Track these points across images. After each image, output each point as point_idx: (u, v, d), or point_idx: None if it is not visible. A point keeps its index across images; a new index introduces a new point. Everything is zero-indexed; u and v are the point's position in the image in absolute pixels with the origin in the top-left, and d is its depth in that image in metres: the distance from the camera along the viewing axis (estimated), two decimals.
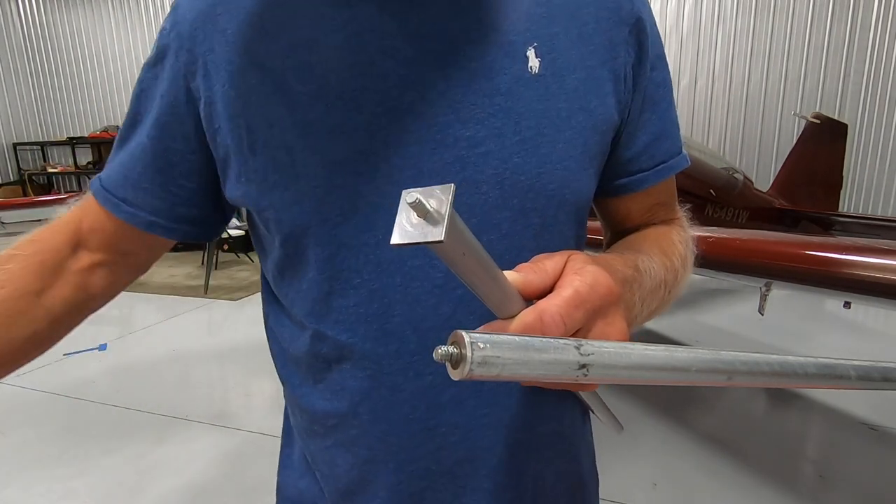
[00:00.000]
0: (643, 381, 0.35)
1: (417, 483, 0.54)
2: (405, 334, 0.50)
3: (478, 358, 0.28)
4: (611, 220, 0.65)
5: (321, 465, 0.59)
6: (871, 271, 1.58)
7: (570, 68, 0.51)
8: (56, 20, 8.35)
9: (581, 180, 0.53)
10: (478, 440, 0.53)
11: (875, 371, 0.49)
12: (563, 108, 0.51)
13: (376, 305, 0.50)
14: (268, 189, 0.49)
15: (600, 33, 0.53)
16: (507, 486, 0.55)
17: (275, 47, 0.48)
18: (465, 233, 0.28)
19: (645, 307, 0.48)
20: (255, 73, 0.49)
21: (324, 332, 0.52)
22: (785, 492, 2.12)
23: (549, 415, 0.57)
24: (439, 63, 0.48)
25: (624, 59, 0.54)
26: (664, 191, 0.62)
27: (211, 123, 0.51)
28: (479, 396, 0.53)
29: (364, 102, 0.48)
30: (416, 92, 0.48)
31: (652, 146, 0.58)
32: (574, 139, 0.51)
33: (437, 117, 0.48)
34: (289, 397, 0.61)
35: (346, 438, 0.55)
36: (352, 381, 0.53)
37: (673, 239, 0.59)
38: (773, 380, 0.41)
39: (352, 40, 0.48)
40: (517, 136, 0.49)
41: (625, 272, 0.45)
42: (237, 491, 2.15)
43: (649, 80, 0.56)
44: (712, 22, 5.96)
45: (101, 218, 0.56)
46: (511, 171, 0.49)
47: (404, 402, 0.52)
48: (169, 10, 0.53)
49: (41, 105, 8.89)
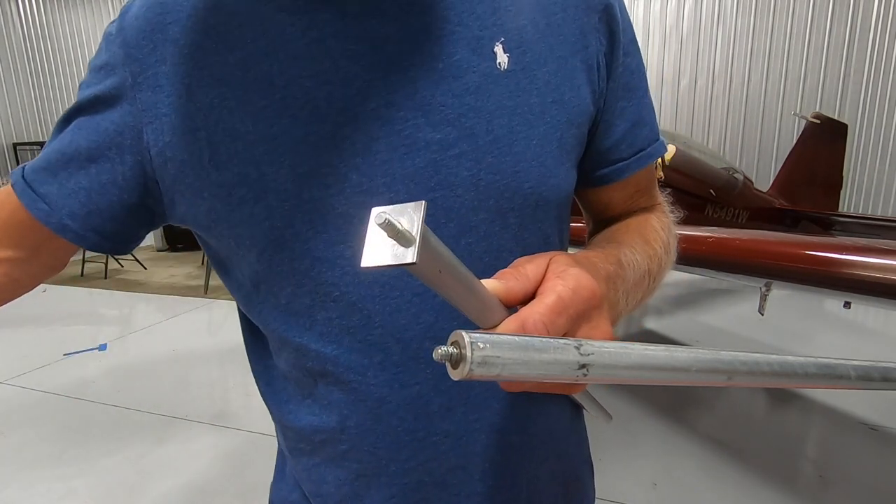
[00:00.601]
0: (643, 381, 0.35)
1: (411, 495, 0.53)
2: (388, 345, 0.49)
3: (478, 358, 0.27)
4: (593, 210, 0.64)
5: (309, 483, 0.57)
6: (871, 271, 1.58)
7: (541, 61, 0.50)
8: (56, 20, 8.36)
9: (558, 176, 0.52)
10: (469, 446, 0.52)
11: (875, 371, 0.49)
12: (536, 104, 0.50)
13: (357, 317, 0.49)
14: (236, 205, 0.47)
15: (569, 22, 0.52)
16: (500, 488, 0.55)
17: (232, 59, 0.46)
18: (440, 249, 0.28)
19: (630, 301, 0.48)
20: (215, 88, 0.47)
21: (307, 346, 0.51)
22: (785, 492, 2.12)
23: (539, 414, 0.56)
24: (403, 65, 0.46)
25: (595, 48, 0.53)
26: (644, 178, 0.61)
27: (159, 136, 0.47)
28: (468, 402, 0.52)
29: (328, 111, 0.46)
30: (381, 97, 0.46)
31: (630, 134, 0.57)
32: (549, 134, 0.50)
33: (405, 121, 0.46)
34: (273, 416, 0.60)
35: (336, 454, 0.54)
36: (338, 394, 0.52)
37: (655, 226, 0.58)
38: (773, 380, 0.41)
39: (312, 47, 0.46)
40: (490, 135, 0.48)
41: (608, 269, 0.45)
42: (237, 491, 2.15)
43: (623, 67, 0.55)
44: (712, 22, 5.96)
45: (15, 211, 0.51)
46: (486, 172, 0.48)
47: (392, 413, 0.51)
48: (117, 15, 0.50)
49: (41, 105, 8.89)
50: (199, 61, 0.47)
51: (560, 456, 0.60)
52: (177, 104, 0.47)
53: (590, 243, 0.58)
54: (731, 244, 1.96)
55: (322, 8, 0.46)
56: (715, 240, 1.99)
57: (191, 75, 0.47)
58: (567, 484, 0.62)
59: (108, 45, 0.50)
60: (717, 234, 2.04)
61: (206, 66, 0.47)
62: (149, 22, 0.48)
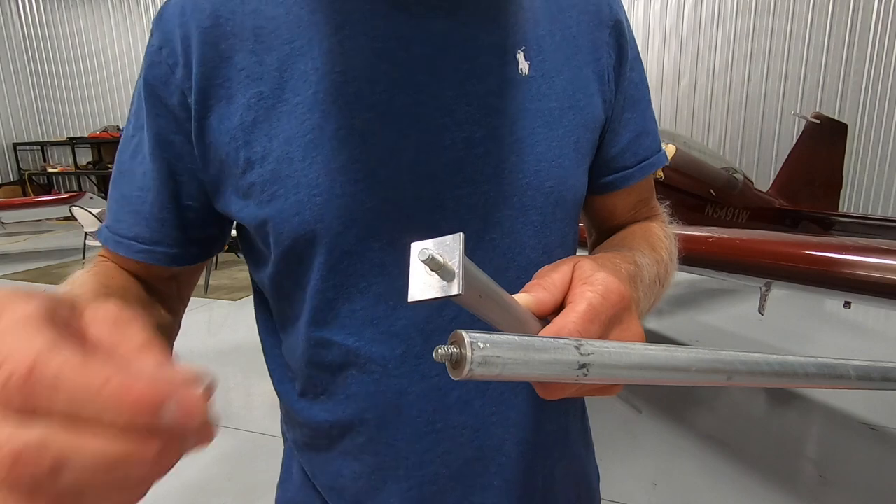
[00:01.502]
0: (643, 381, 0.35)
1: (428, 488, 0.53)
2: (411, 337, 0.50)
3: (478, 358, 0.27)
4: (596, 218, 0.66)
5: (324, 478, 0.58)
6: (871, 271, 1.58)
7: (558, 69, 0.53)
8: (56, 20, 8.36)
9: (575, 177, 0.54)
10: (486, 440, 0.53)
11: (875, 371, 0.49)
12: (555, 108, 0.52)
13: (382, 308, 0.50)
14: (266, 201, 0.48)
15: (583, 35, 0.55)
16: (516, 483, 0.55)
17: (269, 60, 0.48)
18: (480, 277, 0.28)
19: (646, 302, 0.49)
20: (253, 89, 0.48)
21: (329, 339, 0.52)
22: (785, 492, 2.12)
23: (555, 413, 0.58)
24: (430, 65, 0.48)
25: (606, 61, 0.56)
26: (646, 187, 0.64)
27: (202, 139, 0.49)
28: (486, 396, 0.53)
29: (358, 108, 0.47)
30: (409, 95, 0.48)
31: (634, 143, 0.60)
32: (566, 137, 0.53)
33: (432, 120, 0.48)
34: (287, 412, 0.60)
35: (353, 447, 0.54)
36: (357, 386, 0.52)
37: (658, 234, 0.60)
38: (773, 380, 0.41)
39: (345, 44, 0.47)
40: (512, 135, 0.50)
41: (629, 269, 0.46)
42: (237, 491, 2.15)
43: (629, 81, 0.58)
44: (712, 22, 5.96)
45: (122, 263, 0.54)
46: (508, 170, 0.50)
47: (411, 405, 0.52)
48: (154, 21, 0.51)
49: (41, 105, 8.90)
50: (240, 65, 0.48)
51: (572, 457, 0.62)
52: (217, 107, 0.48)
53: (598, 250, 0.59)
54: (731, 244, 1.96)
55: (354, 8, 0.48)
56: (715, 240, 1.99)
57: (231, 79, 0.48)
58: (578, 485, 0.63)
59: (153, 55, 0.50)
60: (717, 234, 2.04)
61: (244, 69, 0.48)
62: (196, 28, 0.48)
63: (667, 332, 3.77)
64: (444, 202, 0.49)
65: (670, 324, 3.94)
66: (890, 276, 1.52)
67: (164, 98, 0.49)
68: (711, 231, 2.12)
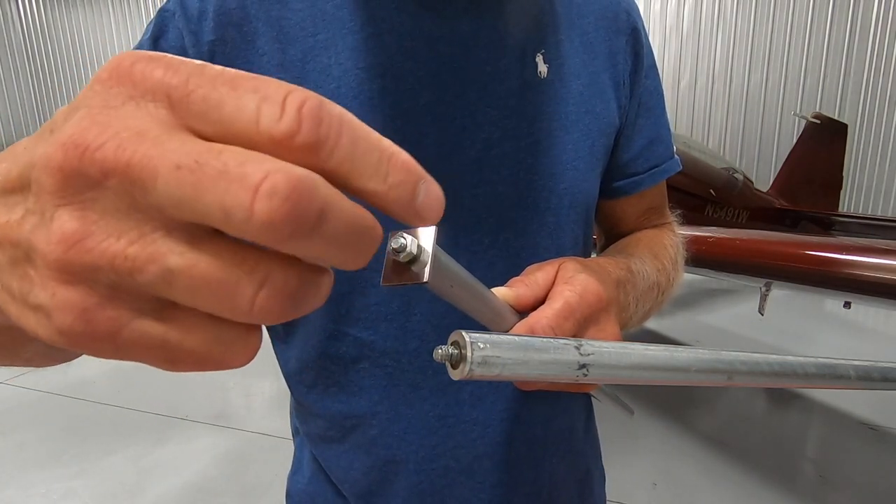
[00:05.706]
0: (643, 381, 0.35)
1: (438, 482, 0.54)
2: (425, 332, 0.51)
3: (478, 358, 0.28)
4: (606, 223, 0.66)
5: (336, 470, 0.58)
6: (871, 271, 1.58)
7: (575, 74, 0.54)
8: (56, 20, 8.36)
9: (589, 180, 0.55)
10: (496, 436, 0.54)
11: (875, 371, 0.49)
12: (572, 112, 0.53)
13: (396, 304, 0.50)
14: None
15: (601, 42, 0.56)
16: (524, 479, 0.56)
17: (293, 51, 0.48)
18: (450, 267, 0.29)
19: (640, 308, 0.50)
20: (275, 75, 0.47)
21: (344, 332, 0.52)
22: (785, 492, 2.12)
23: (563, 410, 0.58)
24: (455, 66, 0.49)
25: (623, 67, 0.57)
26: (657, 195, 0.64)
27: None
28: (498, 392, 0.53)
29: (381, 104, 0.47)
30: (432, 94, 0.48)
31: (647, 150, 0.60)
32: (582, 141, 0.53)
33: (453, 119, 0.49)
34: (299, 404, 0.60)
35: (365, 440, 0.55)
36: (370, 379, 0.53)
37: (664, 243, 0.61)
38: (773, 380, 0.41)
39: (370, 41, 0.48)
40: (530, 137, 0.51)
41: (618, 274, 0.46)
42: (237, 491, 2.15)
43: (644, 88, 0.59)
44: (712, 22, 5.96)
45: None
46: (525, 172, 0.51)
47: (424, 399, 0.52)
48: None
49: (41, 105, 8.89)
50: (260, 48, 0.48)
51: (577, 455, 0.62)
52: None
53: (601, 255, 0.60)
54: (731, 244, 1.96)
55: (381, 6, 0.48)
56: (715, 240, 1.99)
57: (251, 62, 0.48)
58: (582, 483, 0.64)
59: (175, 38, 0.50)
60: (717, 234, 2.04)
61: (266, 53, 0.48)
62: (228, 15, 0.48)
63: (667, 332, 3.77)
64: (461, 201, 0.49)
65: (670, 324, 3.94)
66: (890, 276, 1.52)
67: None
68: (711, 231, 2.12)
